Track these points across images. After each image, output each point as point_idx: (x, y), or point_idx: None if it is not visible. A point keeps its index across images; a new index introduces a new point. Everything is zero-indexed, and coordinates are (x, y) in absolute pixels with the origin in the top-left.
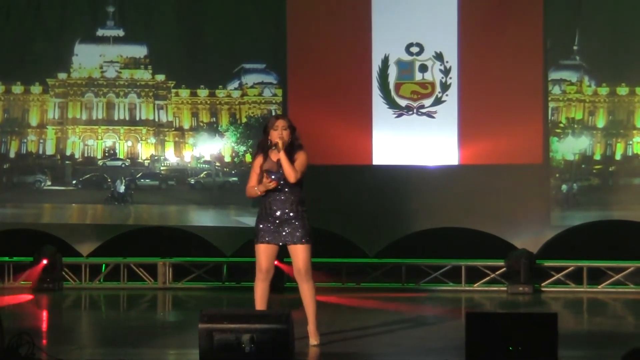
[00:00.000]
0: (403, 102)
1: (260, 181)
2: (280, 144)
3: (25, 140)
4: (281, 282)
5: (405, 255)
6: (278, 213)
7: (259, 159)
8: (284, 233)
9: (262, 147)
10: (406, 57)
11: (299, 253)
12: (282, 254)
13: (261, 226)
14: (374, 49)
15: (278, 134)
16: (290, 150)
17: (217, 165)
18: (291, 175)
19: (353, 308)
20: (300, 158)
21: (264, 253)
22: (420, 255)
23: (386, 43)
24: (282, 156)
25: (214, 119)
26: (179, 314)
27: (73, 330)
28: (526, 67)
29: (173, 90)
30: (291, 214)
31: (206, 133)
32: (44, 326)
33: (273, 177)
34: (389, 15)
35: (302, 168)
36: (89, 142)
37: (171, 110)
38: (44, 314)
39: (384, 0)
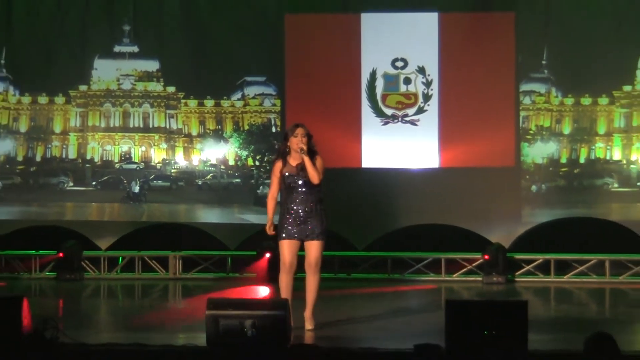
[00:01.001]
0: (389, 111)
1: (281, 183)
2: (305, 150)
3: (49, 146)
4: (278, 272)
5: (391, 249)
6: (299, 212)
7: (279, 164)
8: (304, 230)
9: (282, 152)
10: (392, 71)
11: (313, 248)
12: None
13: (284, 224)
14: (363, 63)
15: (298, 141)
16: (310, 155)
17: (222, 168)
18: (315, 177)
19: (344, 296)
20: (319, 162)
21: (288, 248)
22: (405, 248)
23: (374, 58)
24: (307, 161)
25: (219, 126)
26: (188, 301)
27: (93, 316)
28: (500, 80)
29: (182, 101)
30: (311, 213)
31: (212, 139)
32: (67, 313)
33: (296, 179)
34: (377, 33)
35: (322, 170)
36: (107, 147)
37: (181, 119)
38: (67, 302)
39: (372, 20)
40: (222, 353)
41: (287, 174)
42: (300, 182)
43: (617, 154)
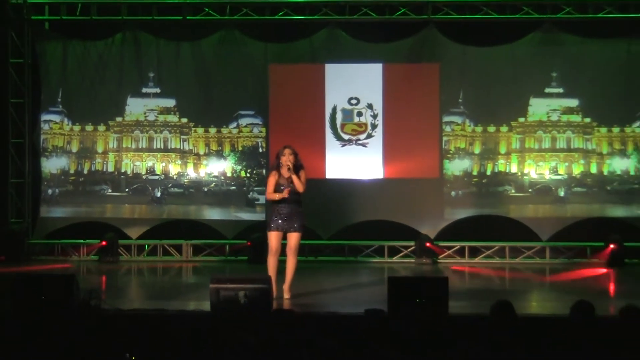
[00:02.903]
0: (346, 137)
1: (275, 190)
2: (292, 167)
3: (94, 162)
4: (263, 256)
5: (348, 238)
6: (285, 211)
7: (275, 175)
8: (287, 224)
9: (276, 167)
10: (348, 107)
11: (293, 237)
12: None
13: (273, 219)
14: (326, 101)
15: (287, 158)
16: (297, 169)
17: (222, 179)
18: (300, 188)
19: (312, 275)
20: (303, 175)
21: (275, 238)
22: (358, 238)
23: (334, 97)
24: (295, 178)
25: (220, 147)
26: (196, 278)
27: (126, 289)
28: (428, 113)
29: (193, 129)
30: (292, 212)
31: (215, 157)
32: (107, 286)
33: (283, 187)
34: (337, 78)
35: (304, 181)
36: (137, 163)
37: (191, 142)
38: (106, 278)
39: (333, 68)
40: (222, 316)
41: (279, 183)
42: (287, 189)
43: (514, 168)
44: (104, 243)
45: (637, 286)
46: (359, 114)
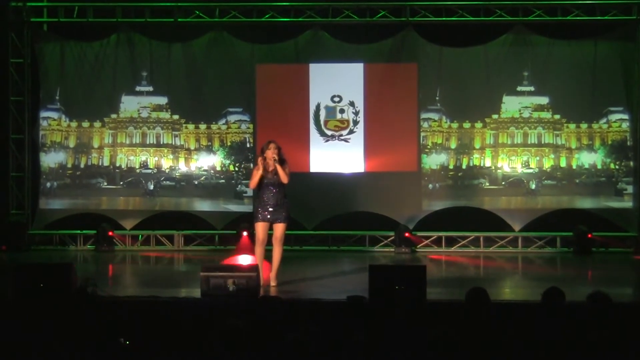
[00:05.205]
0: (329, 132)
1: (257, 183)
2: (277, 160)
3: (90, 157)
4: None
5: (331, 229)
6: (270, 203)
7: (259, 169)
8: (273, 216)
9: (261, 161)
10: (331, 104)
11: (279, 228)
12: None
13: (259, 210)
14: (310, 98)
15: (272, 153)
16: (281, 163)
17: (212, 172)
18: (285, 179)
19: (298, 263)
20: (287, 168)
21: (261, 228)
22: (340, 228)
23: (318, 95)
24: (279, 168)
25: (210, 143)
26: (187, 266)
27: (120, 277)
28: (406, 110)
29: (184, 125)
30: (278, 204)
31: (205, 152)
32: (102, 274)
33: (270, 180)
34: (320, 77)
35: (288, 173)
36: (131, 158)
37: (183, 138)
38: (103, 266)
39: (317, 68)
40: (211, 302)
41: (263, 176)
42: (272, 182)
43: (488, 162)
44: (110, 233)
45: (604, 273)
46: (342, 111)
